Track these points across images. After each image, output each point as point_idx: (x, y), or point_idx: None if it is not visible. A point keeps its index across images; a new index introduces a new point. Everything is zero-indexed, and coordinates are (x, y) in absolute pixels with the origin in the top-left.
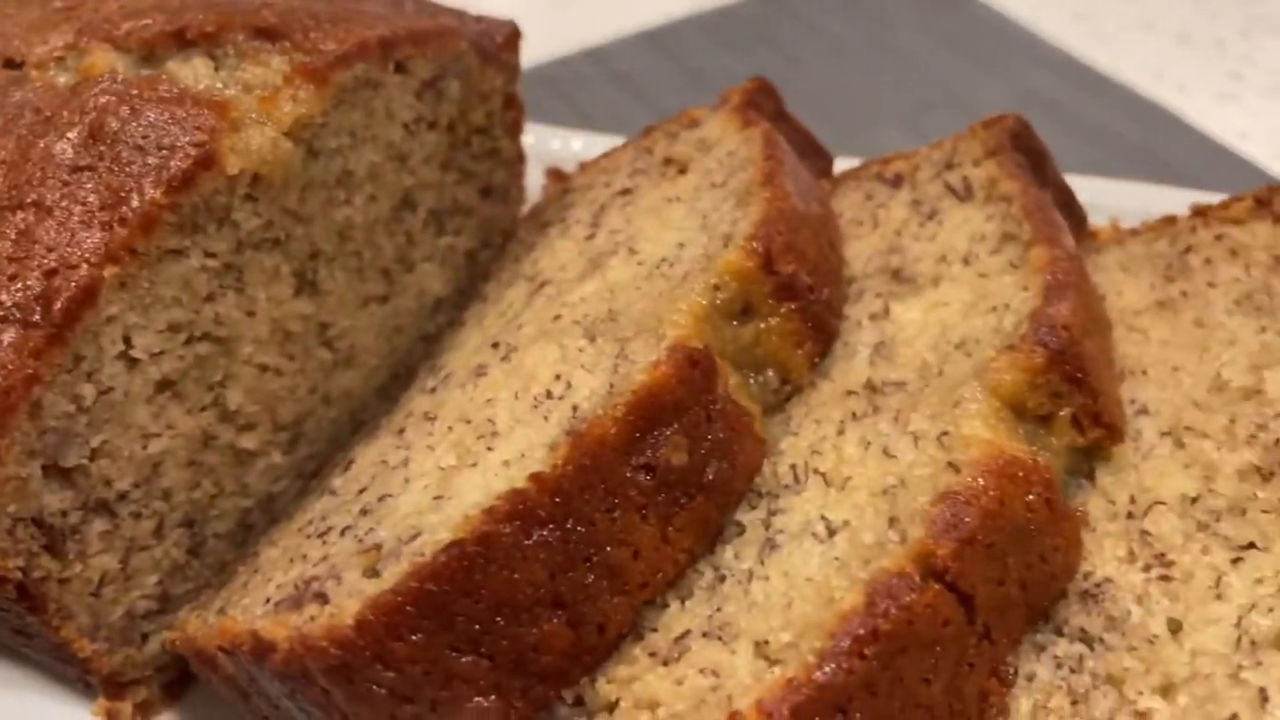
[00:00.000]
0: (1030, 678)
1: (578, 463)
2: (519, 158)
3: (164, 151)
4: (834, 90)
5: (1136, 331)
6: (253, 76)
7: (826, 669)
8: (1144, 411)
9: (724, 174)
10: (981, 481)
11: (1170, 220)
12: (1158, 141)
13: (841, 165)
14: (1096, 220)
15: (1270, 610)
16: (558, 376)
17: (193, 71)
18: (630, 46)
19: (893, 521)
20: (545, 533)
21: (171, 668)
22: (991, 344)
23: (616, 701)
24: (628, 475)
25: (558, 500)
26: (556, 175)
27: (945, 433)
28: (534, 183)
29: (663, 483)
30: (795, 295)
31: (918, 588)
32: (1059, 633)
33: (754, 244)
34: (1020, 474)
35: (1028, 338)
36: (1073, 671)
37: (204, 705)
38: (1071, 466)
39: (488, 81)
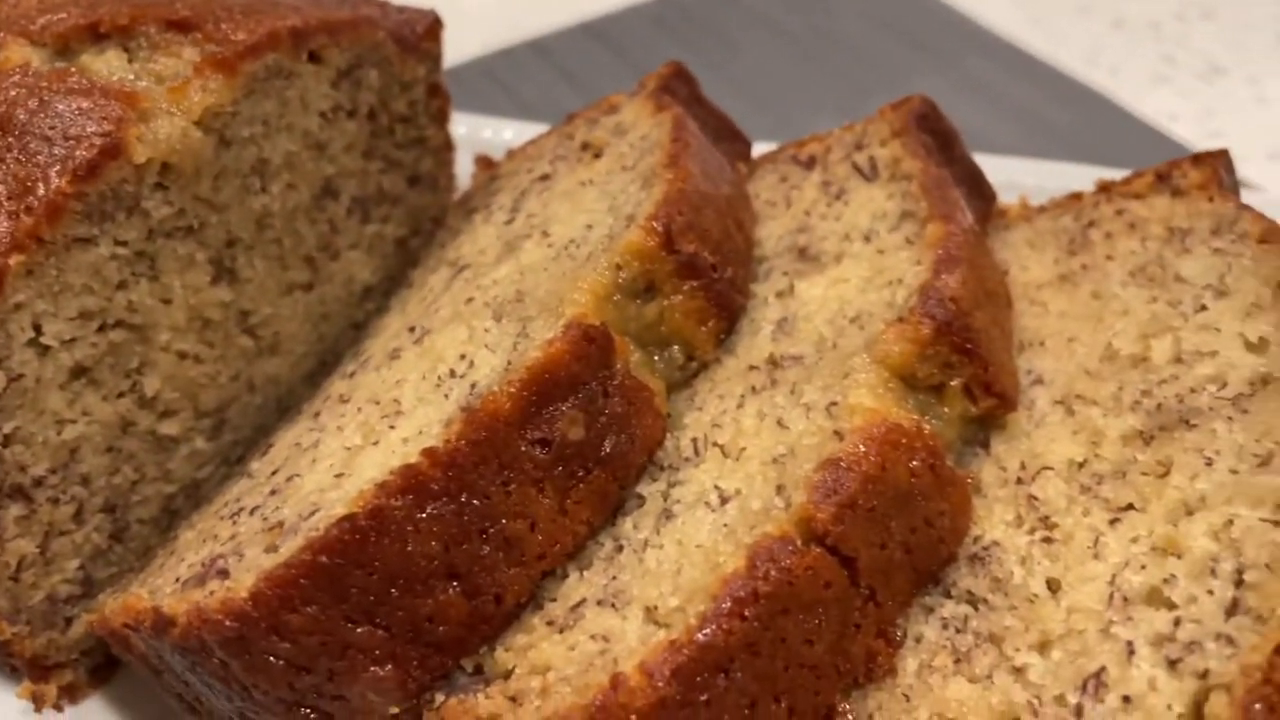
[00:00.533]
0: (918, 638)
1: (470, 438)
2: (447, 146)
3: (70, 142)
4: (774, 77)
5: (1038, 305)
6: (164, 68)
7: (707, 630)
8: (1039, 381)
9: (634, 157)
10: (863, 448)
11: (1076, 197)
12: (1089, 124)
13: (763, 149)
14: (1012, 198)
15: (1143, 568)
16: (463, 356)
17: (106, 64)
18: (573, 37)
19: (780, 489)
20: (438, 506)
21: (97, 651)
22: (884, 317)
23: (513, 669)
24: (523, 449)
25: (451, 474)
26: (485, 163)
27: (834, 403)
28: (466, 171)
29: (559, 456)
30: (697, 274)
31: (799, 551)
32: (947, 595)
33: (654, 224)
34: (903, 440)
35: (916, 310)
36: (958, 631)
37: (131, 688)
38: (966, 435)
39: (409, 70)
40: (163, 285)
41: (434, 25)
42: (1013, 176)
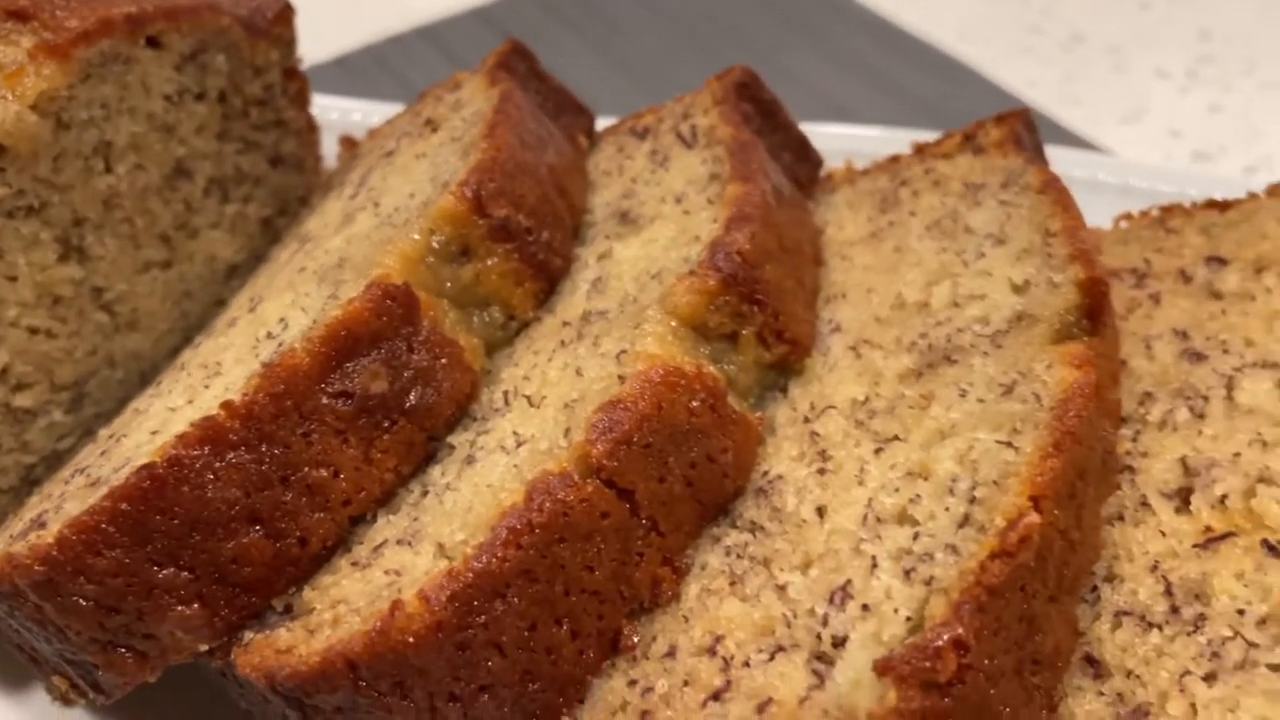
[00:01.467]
0: (704, 566)
1: (268, 390)
2: (310, 127)
3: None
4: (655, 56)
5: (847, 260)
6: (3, 55)
7: (483, 558)
8: (838, 329)
9: (463, 130)
10: (640, 389)
11: (896, 159)
12: (954, 94)
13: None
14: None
15: (896, 490)
16: (281, 319)
17: None
18: (463, 23)
19: (567, 432)
20: (237, 455)
21: None
22: (678, 272)
23: (317, 606)
24: (324, 402)
25: (249, 425)
26: (348, 143)
27: (624, 351)
28: (335, 152)
29: (362, 409)
30: (511, 237)
31: (575, 485)
32: (734, 525)
33: (465, 189)
34: (682, 382)
35: (704, 263)
36: (738, 558)
37: None
38: (766, 380)
39: (260, 55)
40: (7, 263)
41: (284, 10)
42: (854, 144)
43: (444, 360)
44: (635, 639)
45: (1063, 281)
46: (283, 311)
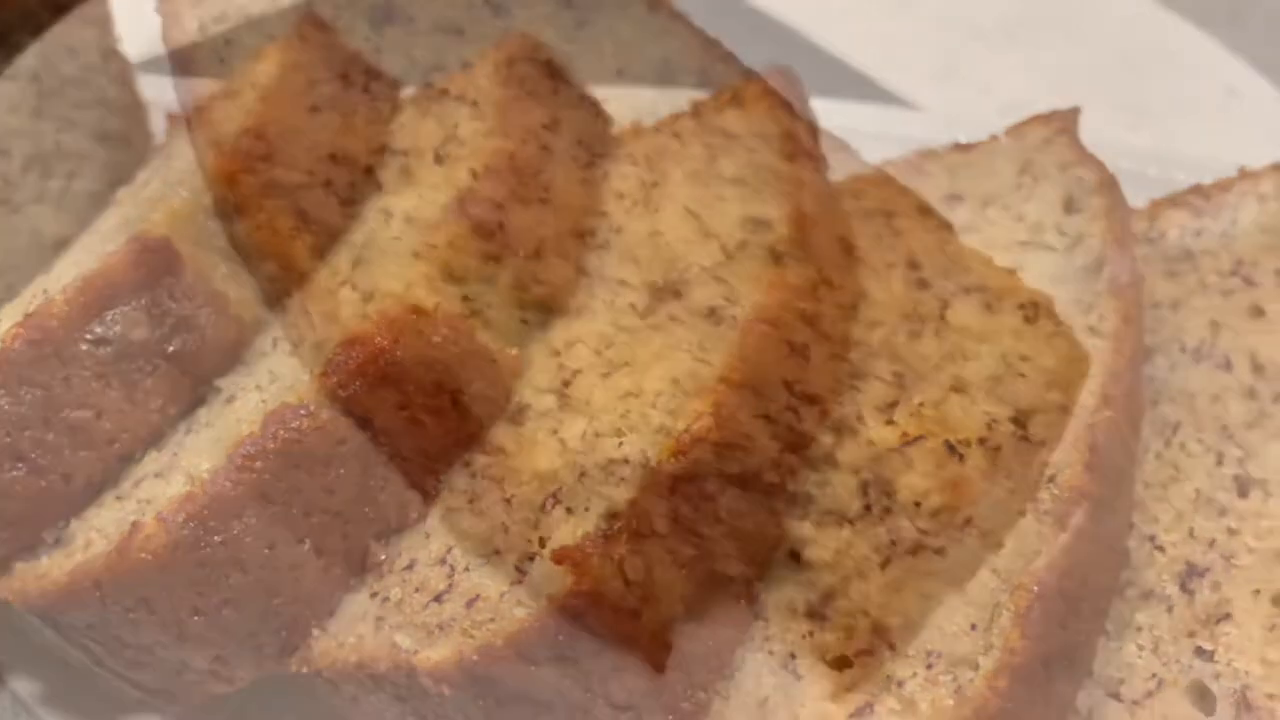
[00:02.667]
0: (452, 489)
1: (25, 338)
2: (136, 105)
3: None
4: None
5: (621, 210)
6: None
7: (218, 482)
8: (601, 273)
9: (253, 97)
10: (377, 325)
11: (677, 116)
12: (781, 58)
13: None
14: None
15: (613, 409)
16: (59, 278)
17: None
18: (330, 5)
19: (312, 370)
20: None
21: None
22: (432, 220)
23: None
24: (82, 348)
25: (7, 370)
26: (174, 118)
27: (372, 294)
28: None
29: (122, 354)
30: (281, 195)
31: (309, 415)
32: (484, 451)
33: (234, 150)
34: (422, 320)
35: (453, 210)
36: (481, 479)
37: None
38: (528, 320)
39: (72, 35)
40: None
41: None
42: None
43: (208, 309)
44: (383, 557)
45: (777, 216)
46: (64, 269)
